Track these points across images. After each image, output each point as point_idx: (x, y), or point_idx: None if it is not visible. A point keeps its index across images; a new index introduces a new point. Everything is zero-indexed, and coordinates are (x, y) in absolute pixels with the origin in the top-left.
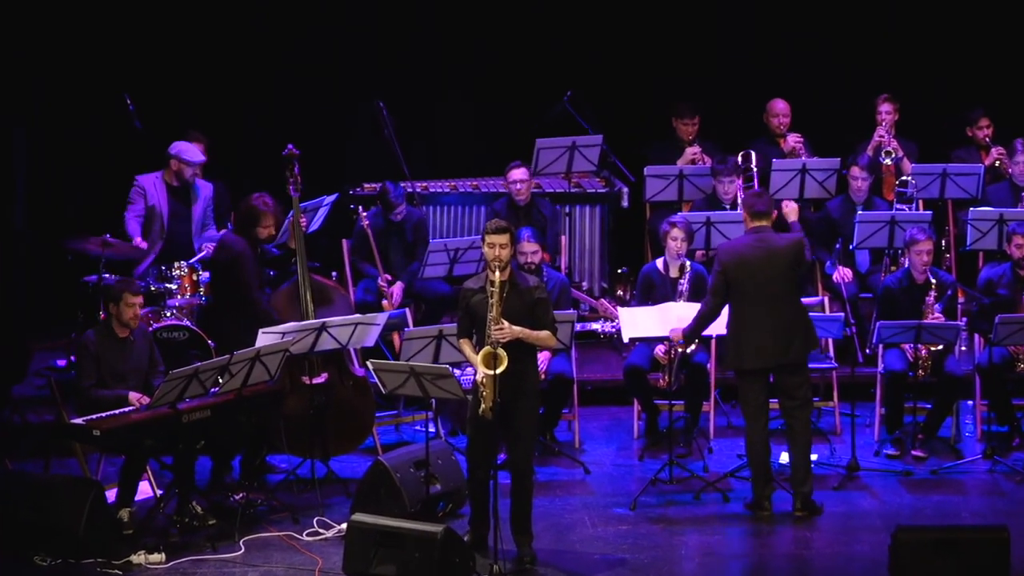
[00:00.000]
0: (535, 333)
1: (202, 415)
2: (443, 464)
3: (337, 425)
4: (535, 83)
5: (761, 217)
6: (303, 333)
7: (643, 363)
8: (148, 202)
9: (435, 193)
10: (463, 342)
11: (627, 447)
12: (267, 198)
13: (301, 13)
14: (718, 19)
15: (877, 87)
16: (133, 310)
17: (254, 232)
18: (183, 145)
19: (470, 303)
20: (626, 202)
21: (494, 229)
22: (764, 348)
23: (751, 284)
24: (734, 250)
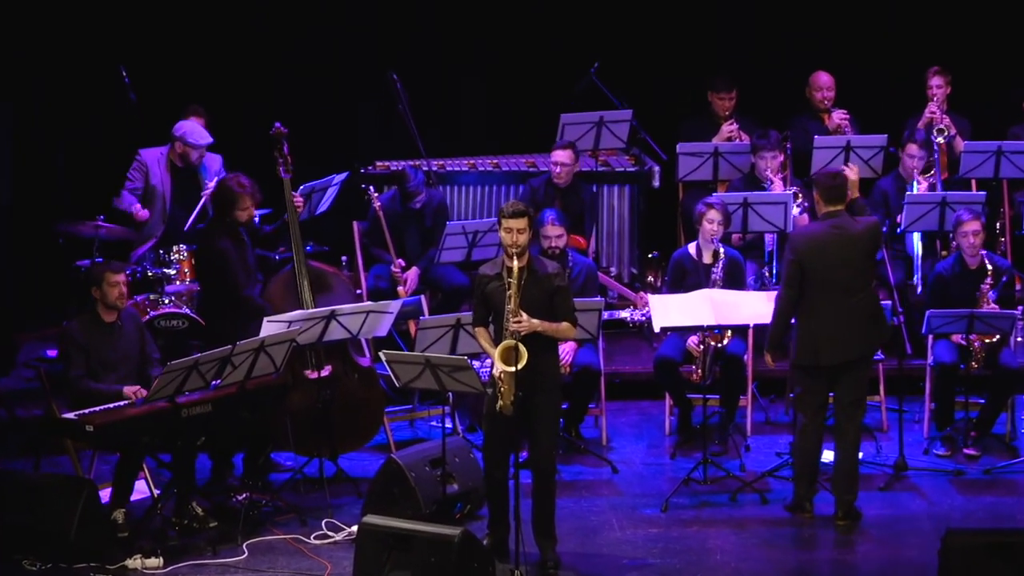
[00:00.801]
0: (555, 325)
1: (202, 409)
2: (460, 462)
3: (344, 420)
4: (560, 53)
5: (837, 201)
6: (311, 322)
7: (675, 355)
8: (150, 180)
9: (452, 172)
10: (479, 331)
11: (658, 444)
12: (242, 178)
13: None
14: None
15: (927, 59)
16: (117, 289)
17: (232, 216)
18: (188, 125)
19: (485, 290)
20: (657, 182)
21: (511, 212)
22: (840, 342)
23: (827, 273)
24: (809, 236)
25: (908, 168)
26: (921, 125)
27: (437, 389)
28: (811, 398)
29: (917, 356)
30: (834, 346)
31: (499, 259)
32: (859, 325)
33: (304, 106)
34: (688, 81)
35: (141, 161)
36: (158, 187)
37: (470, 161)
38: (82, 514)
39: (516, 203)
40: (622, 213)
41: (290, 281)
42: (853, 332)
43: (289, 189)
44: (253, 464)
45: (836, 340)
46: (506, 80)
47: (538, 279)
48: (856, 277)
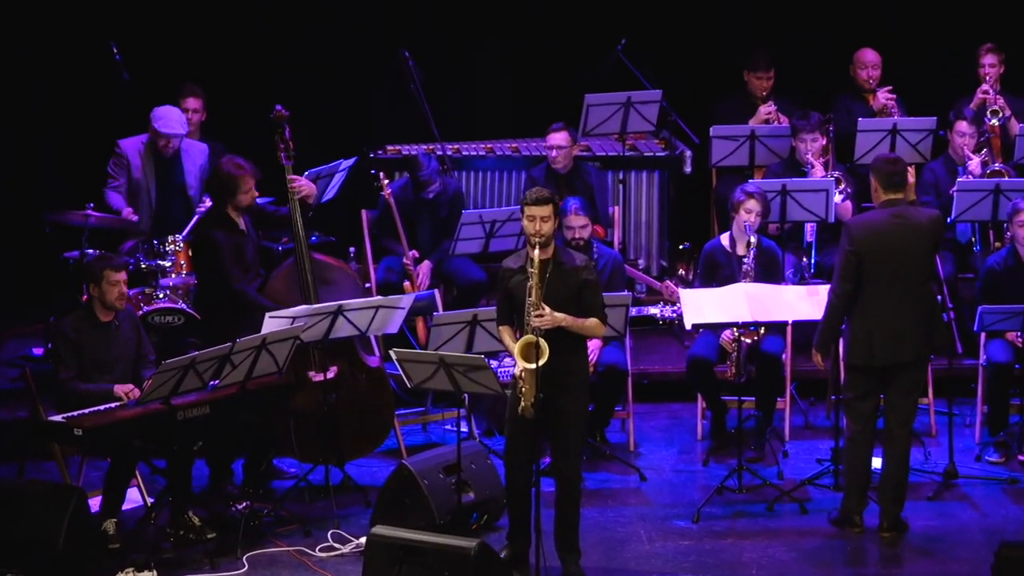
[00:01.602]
0: (581, 321)
1: (200, 412)
2: (477, 469)
3: (352, 424)
4: (584, 30)
5: (897, 188)
6: (317, 318)
7: (708, 353)
8: (133, 174)
9: (468, 157)
10: (503, 330)
11: (689, 450)
12: (239, 160)
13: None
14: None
15: (979, 35)
16: (117, 289)
17: (236, 201)
18: (162, 111)
19: (509, 285)
20: (689, 167)
21: (534, 199)
22: (897, 341)
23: (886, 267)
24: (868, 225)
25: (958, 148)
26: (973, 106)
27: (452, 390)
28: (862, 402)
29: (969, 355)
30: (890, 345)
31: (524, 251)
32: (917, 323)
33: (310, 86)
34: (723, 59)
35: (120, 153)
36: (141, 180)
37: (487, 145)
38: (70, 524)
39: (541, 190)
40: (651, 201)
41: (293, 275)
42: (911, 330)
43: (290, 176)
44: (254, 471)
45: (893, 338)
46: (527, 58)
47: (564, 272)
48: (917, 271)
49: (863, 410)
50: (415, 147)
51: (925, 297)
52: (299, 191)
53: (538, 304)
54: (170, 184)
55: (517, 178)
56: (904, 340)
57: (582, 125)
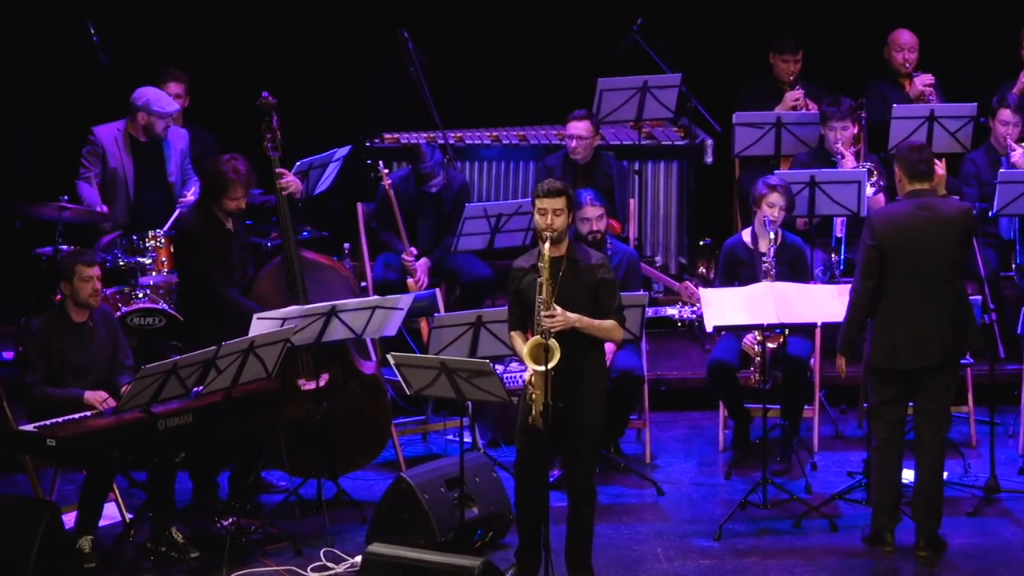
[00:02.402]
0: (596, 323)
1: (182, 421)
2: (482, 482)
3: (346, 434)
4: (598, 8)
5: (923, 178)
6: (308, 319)
7: (731, 358)
8: (108, 164)
9: (473, 146)
10: (514, 336)
11: (710, 462)
12: (239, 163)
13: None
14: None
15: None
16: (90, 285)
17: (220, 203)
18: (151, 92)
19: (520, 286)
20: (710, 157)
21: (546, 191)
22: (923, 342)
23: (911, 262)
24: (891, 218)
25: (1000, 137)
26: (1016, 91)
27: (454, 398)
28: (888, 409)
29: (1011, 360)
30: (916, 347)
31: (537, 250)
32: (945, 324)
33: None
34: (747, 40)
35: (95, 141)
36: (118, 169)
37: (493, 133)
38: (42, 541)
39: (553, 181)
40: (669, 194)
41: (280, 274)
42: (938, 331)
43: (277, 169)
44: (241, 484)
45: (918, 340)
46: (536, 39)
47: (579, 270)
48: (944, 268)
49: (889, 417)
50: (415, 135)
51: (954, 295)
52: (286, 187)
53: (549, 303)
54: (150, 173)
55: (524, 168)
56: (930, 341)
57: (595, 111)
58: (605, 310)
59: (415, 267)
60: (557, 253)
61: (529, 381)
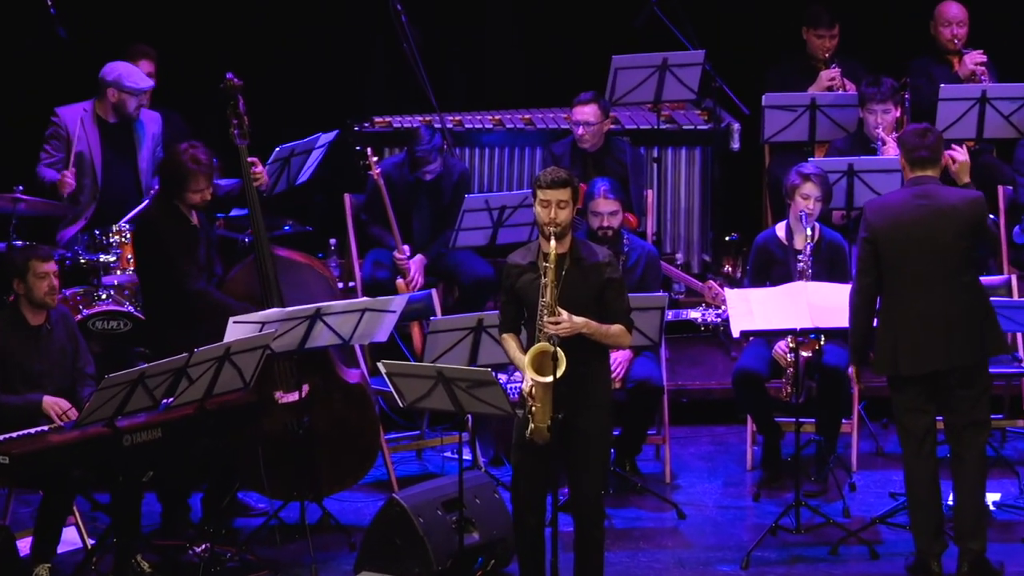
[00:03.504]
0: (604, 328)
1: (150, 436)
2: (482, 505)
3: (331, 452)
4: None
5: (925, 164)
6: (290, 323)
7: (760, 367)
8: (74, 147)
9: (473, 130)
10: (507, 338)
11: (737, 482)
12: (200, 151)
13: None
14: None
15: None
16: (46, 282)
17: (183, 197)
18: (122, 67)
19: (516, 284)
20: (737, 143)
21: (549, 181)
22: (929, 346)
23: (910, 256)
24: (885, 208)
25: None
26: None
27: (452, 410)
28: (909, 419)
29: None
30: (918, 350)
31: (534, 244)
32: (955, 324)
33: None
34: (778, 13)
35: (59, 123)
36: (85, 153)
37: (496, 116)
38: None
39: (557, 170)
40: (691, 184)
41: (253, 275)
42: (946, 333)
43: (246, 159)
44: (215, 506)
45: (921, 342)
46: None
47: (584, 269)
48: (949, 262)
49: (912, 429)
50: (408, 119)
51: (965, 292)
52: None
53: (553, 306)
54: (119, 158)
55: (531, 155)
56: (936, 344)
57: (609, 92)
58: (612, 313)
59: (408, 265)
60: (560, 250)
61: (528, 392)
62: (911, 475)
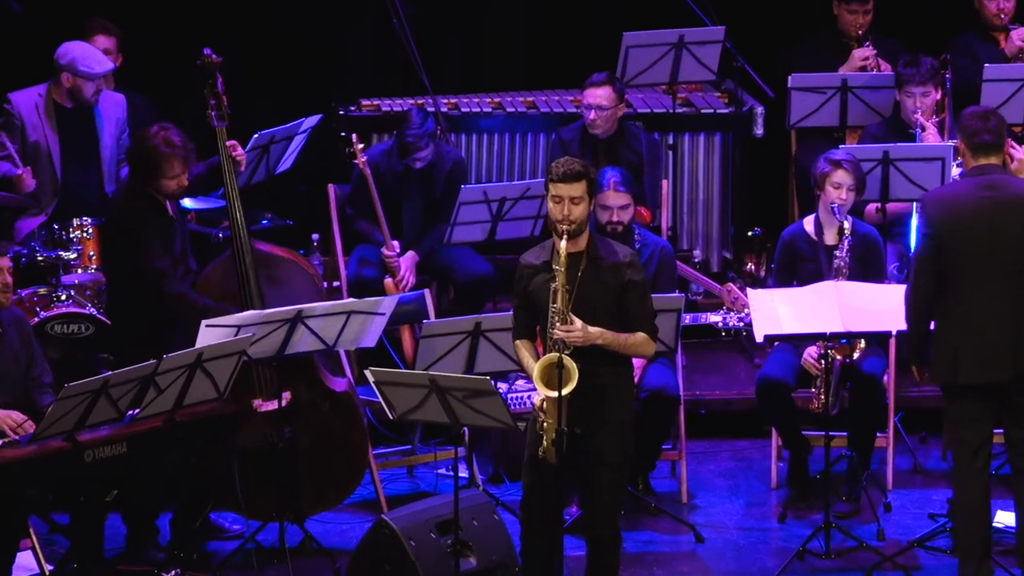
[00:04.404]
0: (623, 337)
1: (114, 451)
2: (480, 526)
3: (313, 468)
4: None
5: (989, 150)
6: (269, 327)
7: (786, 375)
8: (28, 137)
9: (470, 115)
10: (519, 345)
11: (761, 501)
12: (172, 133)
13: None
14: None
15: None
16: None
17: (157, 185)
18: (77, 49)
19: (529, 287)
20: (760, 129)
21: (563, 174)
22: (993, 352)
23: (973, 253)
24: (946, 201)
25: None
26: None
27: (447, 423)
28: (965, 431)
29: None
30: (982, 357)
31: (549, 242)
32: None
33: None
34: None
35: (11, 111)
36: (40, 143)
37: (495, 99)
38: None
39: (572, 160)
40: (710, 173)
41: (230, 272)
42: (1010, 338)
43: (224, 143)
44: (186, 528)
45: (985, 348)
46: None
47: (601, 269)
48: (1014, 260)
49: (968, 440)
50: (399, 102)
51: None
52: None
53: (565, 312)
54: (79, 147)
55: (534, 142)
56: (1002, 350)
57: (620, 73)
58: (634, 319)
59: (398, 263)
60: (575, 249)
61: (539, 407)
62: (961, 490)
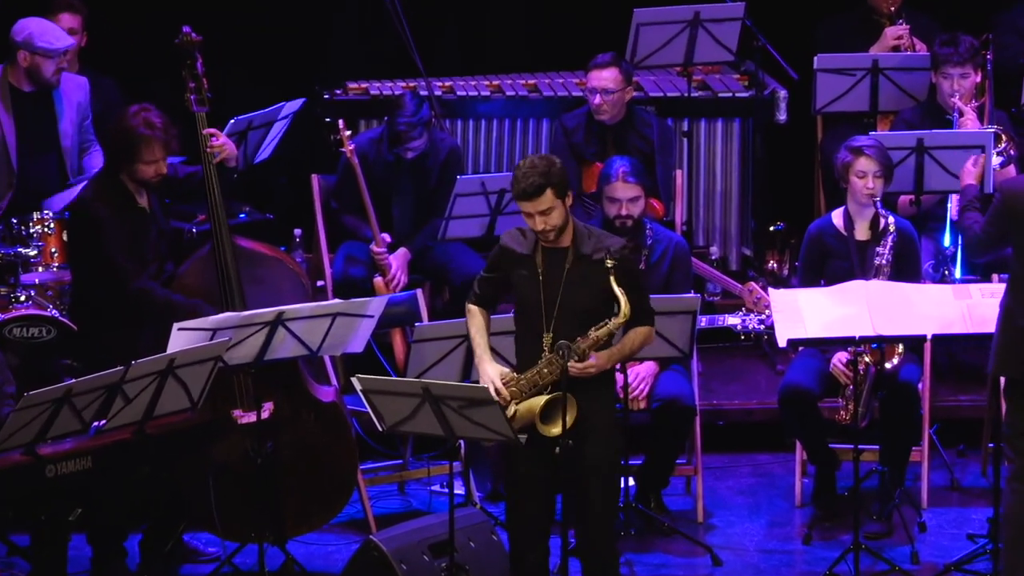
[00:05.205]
0: (628, 348)
1: (78, 466)
2: (478, 548)
3: (296, 485)
4: None
5: None
6: (247, 330)
7: (810, 383)
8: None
9: (467, 98)
10: (474, 311)
11: (783, 521)
12: (152, 115)
13: None
14: None
15: None
16: None
17: (133, 171)
18: (34, 24)
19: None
20: (783, 114)
21: (521, 192)
22: None
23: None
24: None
25: None
26: None
27: (441, 435)
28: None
29: None
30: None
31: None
32: None
33: None
34: None
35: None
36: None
37: (493, 81)
38: None
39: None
40: (728, 163)
41: (209, 269)
42: None
43: (203, 130)
44: (157, 551)
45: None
46: None
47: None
48: None
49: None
50: (389, 84)
51: None
52: (218, 152)
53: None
54: (37, 133)
55: (536, 129)
56: None
57: (630, 53)
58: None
59: (389, 261)
60: (560, 245)
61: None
62: (1014, 505)
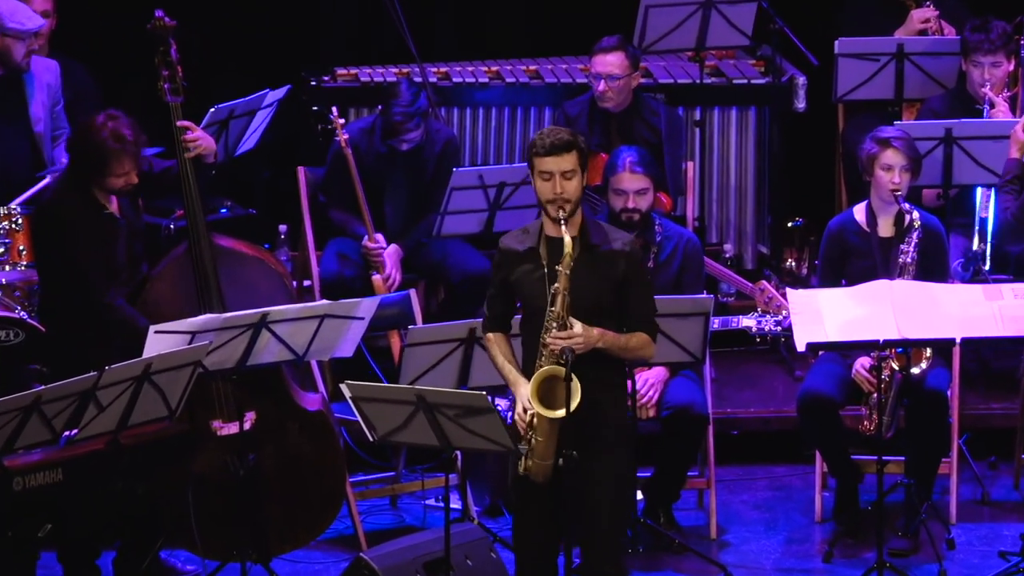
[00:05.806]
0: (624, 339)
1: (48, 479)
2: (475, 566)
3: (281, 500)
4: None
5: None
6: (228, 333)
7: (831, 389)
8: None
9: (463, 85)
10: (492, 339)
11: (803, 537)
12: (121, 124)
13: None
14: None
15: None
16: None
17: (102, 183)
18: (4, 5)
19: (511, 276)
20: (802, 103)
21: (548, 146)
22: None
23: None
24: None
25: None
26: None
27: (436, 446)
28: None
29: None
30: None
31: (534, 226)
32: None
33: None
34: None
35: None
36: None
37: (492, 67)
38: None
39: (556, 129)
40: (743, 154)
41: (186, 269)
42: None
43: (178, 121)
44: (132, 569)
45: None
46: None
47: (596, 258)
48: None
49: None
50: (380, 71)
51: None
52: (193, 146)
53: (563, 316)
54: (6, 119)
55: (537, 117)
56: None
57: (638, 37)
58: (632, 317)
59: (382, 259)
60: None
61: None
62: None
